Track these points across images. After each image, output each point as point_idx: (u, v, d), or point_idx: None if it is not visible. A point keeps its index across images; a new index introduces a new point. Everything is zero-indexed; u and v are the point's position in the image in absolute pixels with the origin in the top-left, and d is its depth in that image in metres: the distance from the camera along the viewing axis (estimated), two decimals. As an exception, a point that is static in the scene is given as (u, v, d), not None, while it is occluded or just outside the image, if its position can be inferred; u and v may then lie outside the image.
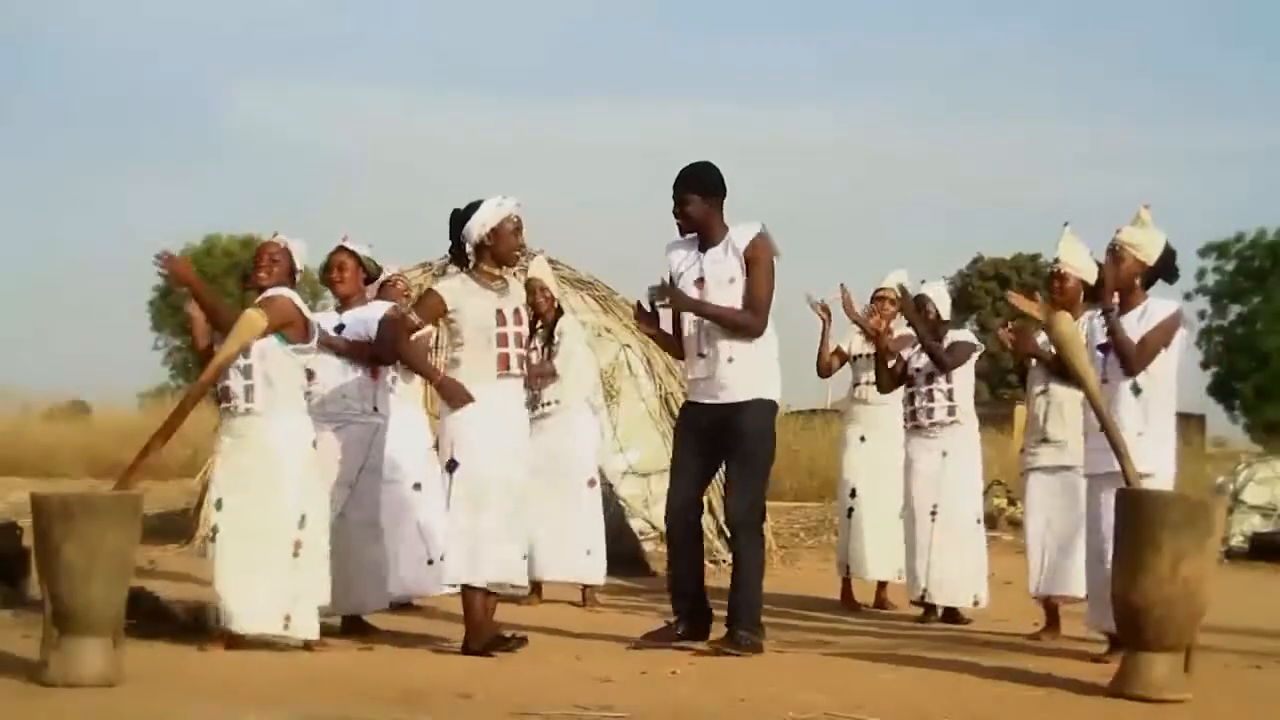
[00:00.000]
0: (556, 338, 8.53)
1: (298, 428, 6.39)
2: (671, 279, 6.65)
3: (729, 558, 7.15)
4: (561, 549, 8.40)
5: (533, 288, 8.43)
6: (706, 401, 6.60)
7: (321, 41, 72.54)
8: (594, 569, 8.60)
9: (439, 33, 73.66)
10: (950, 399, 8.28)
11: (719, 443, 6.58)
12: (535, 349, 8.34)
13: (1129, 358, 6.24)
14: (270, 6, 74.13)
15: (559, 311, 8.70)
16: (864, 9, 72.80)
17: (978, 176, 68.65)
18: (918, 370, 8.32)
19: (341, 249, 7.30)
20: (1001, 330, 7.77)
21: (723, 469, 6.70)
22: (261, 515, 6.24)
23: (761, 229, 6.56)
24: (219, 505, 6.30)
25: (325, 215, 54.80)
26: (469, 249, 6.48)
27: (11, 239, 65.16)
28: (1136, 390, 6.29)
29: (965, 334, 8.55)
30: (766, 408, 6.60)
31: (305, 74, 73.23)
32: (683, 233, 6.66)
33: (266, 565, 6.22)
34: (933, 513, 8.24)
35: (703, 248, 6.62)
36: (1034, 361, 7.56)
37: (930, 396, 8.28)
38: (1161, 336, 6.27)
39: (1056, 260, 7.33)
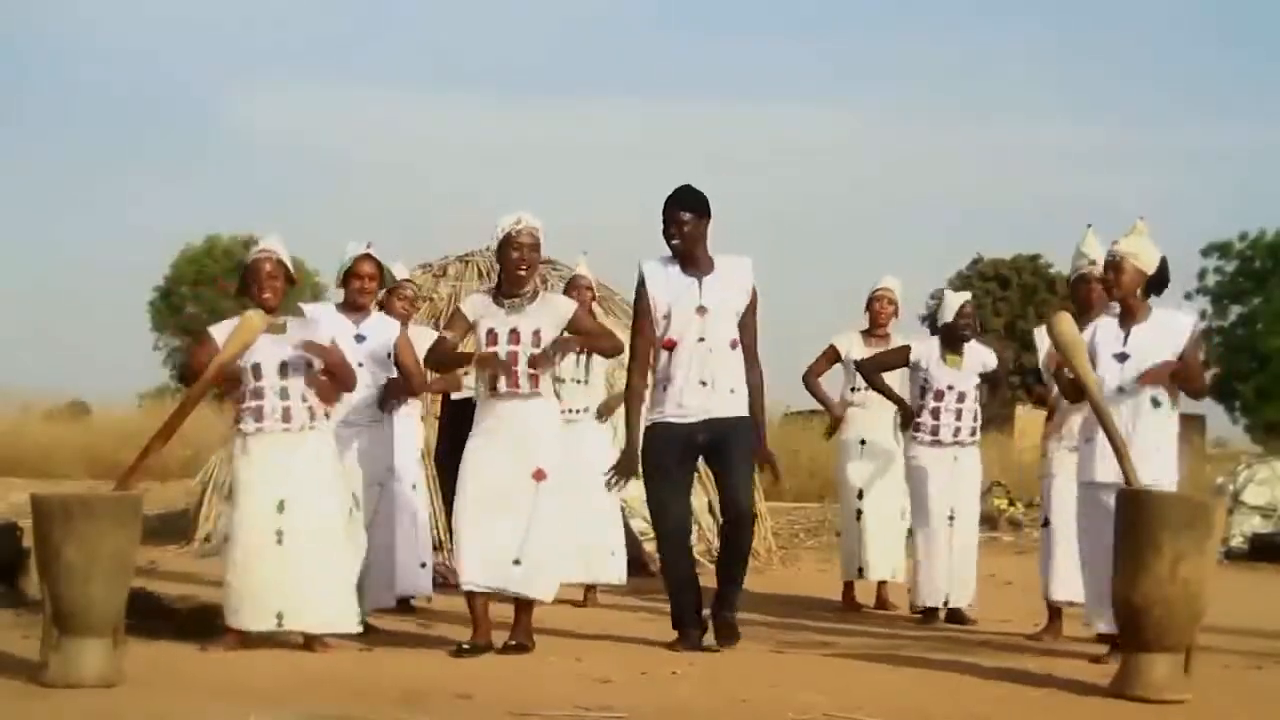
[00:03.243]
0: None
1: (329, 436, 6.55)
2: (652, 300, 6.61)
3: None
4: (590, 551, 8.42)
5: (574, 285, 8.56)
6: (705, 419, 6.57)
7: (321, 41, 72.50)
8: (619, 569, 8.64)
9: (438, 33, 73.67)
10: (975, 420, 8.28)
11: (711, 448, 6.61)
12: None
13: (1199, 386, 6.44)
14: (270, 6, 74.14)
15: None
16: (864, 9, 72.79)
17: (978, 176, 68.61)
18: (949, 388, 8.22)
19: (369, 258, 7.31)
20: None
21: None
22: (330, 519, 6.37)
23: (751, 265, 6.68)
24: (280, 508, 6.26)
25: (325, 215, 54.82)
26: None
27: (11, 239, 65.16)
28: (1156, 403, 6.29)
29: (983, 348, 8.47)
30: (749, 423, 6.68)
31: (305, 74, 73.20)
32: (675, 252, 6.64)
33: (340, 567, 6.36)
34: (950, 517, 8.23)
35: (692, 273, 6.62)
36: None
37: (959, 415, 8.22)
38: (1199, 349, 6.38)
39: (1092, 263, 7.22)
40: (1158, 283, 6.42)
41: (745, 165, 60.06)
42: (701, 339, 6.58)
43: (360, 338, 7.20)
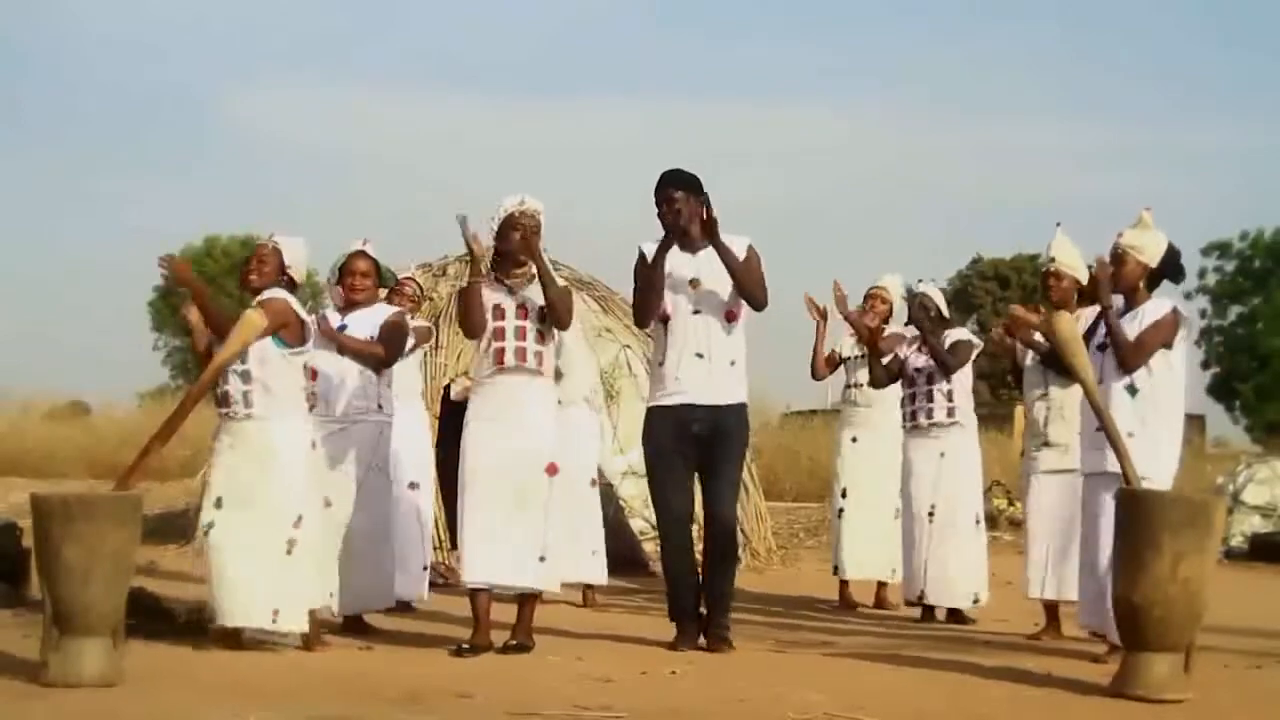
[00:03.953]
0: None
1: (296, 429, 6.39)
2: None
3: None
4: (567, 549, 8.37)
5: None
6: (702, 403, 6.56)
7: (321, 41, 72.58)
8: (599, 569, 8.62)
9: (438, 33, 73.72)
10: (950, 399, 8.28)
11: (705, 444, 6.58)
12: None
13: (1124, 356, 6.21)
14: (270, 6, 74.19)
15: None
16: (864, 9, 72.85)
17: (978, 176, 68.67)
18: (918, 370, 8.32)
19: (363, 254, 7.27)
20: (995, 331, 7.83)
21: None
22: (259, 515, 6.23)
23: (750, 243, 6.63)
24: (218, 504, 6.26)
25: (326, 215, 54.82)
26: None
27: (11, 239, 65.24)
28: (1133, 390, 6.27)
29: (964, 333, 8.55)
30: (746, 410, 6.71)
31: (305, 74, 73.28)
32: (670, 232, 6.61)
33: (260, 563, 6.21)
34: (930, 513, 8.25)
35: (687, 249, 6.60)
36: (1029, 361, 7.54)
37: (930, 397, 8.29)
38: (1158, 335, 6.23)
39: (1052, 259, 7.34)
40: (1170, 273, 6.40)
41: (745, 165, 60.11)
42: (696, 311, 6.58)
43: (342, 328, 7.16)
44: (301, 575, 6.33)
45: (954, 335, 8.40)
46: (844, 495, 9.01)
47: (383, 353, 7.14)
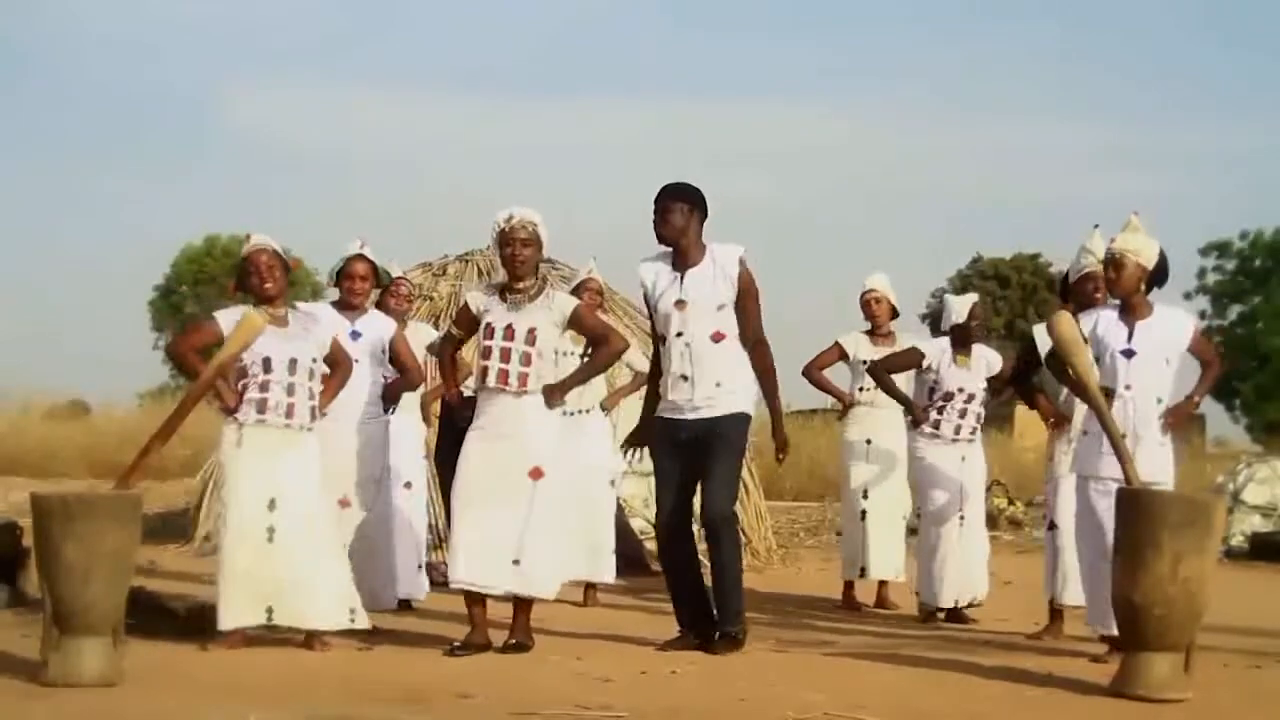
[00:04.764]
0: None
1: (317, 437, 6.54)
2: (648, 299, 6.64)
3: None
4: (587, 548, 8.40)
5: (584, 288, 8.56)
6: (688, 418, 6.53)
7: (321, 41, 72.57)
8: (611, 567, 8.64)
9: (438, 33, 73.70)
10: (978, 420, 8.30)
11: (697, 449, 6.55)
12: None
13: (1219, 373, 6.59)
14: (270, 6, 74.17)
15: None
16: (864, 9, 72.83)
17: (978, 176, 68.65)
18: (959, 389, 8.23)
19: (362, 257, 7.34)
20: None
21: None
22: (315, 519, 6.36)
23: (744, 253, 6.57)
24: (271, 505, 6.25)
25: (325, 215, 54.85)
26: None
27: (11, 239, 65.22)
28: (1159, 400, 6.31)
29: (994, 354, 8.51)
30: (743, 419, 6.61)
31: (305, 74, 73.26)
32: (663, 243, 6.59)
33: (330, 564, 6.36)
34: (961, 518, 8.23)
35: (678, 267, 6.56)
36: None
37: (964, 414, 8.24)
38: (1210, 345, 6.52)
39: (1099, 261, 7.24)
40: (1158, 277, 6.41)
41: (745, 165, 60.15)
42: (679, 333, 6.53)
43: (356, 334, 7.26)
44: (348, 571, 6.51)
45: (988, 354, 8.39)
46: (865, 496, 8.96)
47: (412, 375, 7.59)
